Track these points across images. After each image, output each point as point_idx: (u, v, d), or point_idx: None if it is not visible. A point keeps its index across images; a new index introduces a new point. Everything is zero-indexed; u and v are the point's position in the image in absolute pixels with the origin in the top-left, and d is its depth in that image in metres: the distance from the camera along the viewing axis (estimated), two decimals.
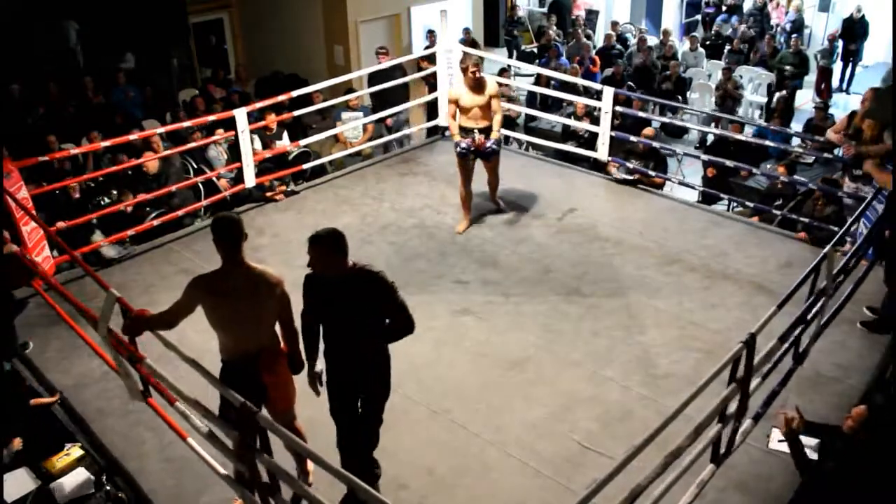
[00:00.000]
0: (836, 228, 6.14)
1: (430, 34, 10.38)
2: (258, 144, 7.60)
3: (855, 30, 12.58)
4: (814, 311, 4.46)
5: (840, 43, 12.55)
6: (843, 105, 12.07)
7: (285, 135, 8.16)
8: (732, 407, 3.80)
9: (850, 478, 3.64)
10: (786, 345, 4.28)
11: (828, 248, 4.43)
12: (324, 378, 3.82)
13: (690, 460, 3.63)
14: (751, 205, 7.11)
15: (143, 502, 4.06)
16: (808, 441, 4.14)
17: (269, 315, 3.55)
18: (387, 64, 8.88)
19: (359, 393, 3.81)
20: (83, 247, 6.07)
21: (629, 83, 10.49)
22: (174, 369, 4.06)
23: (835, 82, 12.68)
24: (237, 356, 3.55)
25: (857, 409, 3.87)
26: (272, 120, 7.86)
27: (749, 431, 4.18)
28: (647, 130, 7.68)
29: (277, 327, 3.64)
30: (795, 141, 9.54)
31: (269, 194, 7.29)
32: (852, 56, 12.80)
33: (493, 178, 6.84)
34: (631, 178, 7.44)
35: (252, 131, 7.32)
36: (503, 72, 10.13)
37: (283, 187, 7.41)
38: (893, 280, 5.18)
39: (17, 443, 4.20)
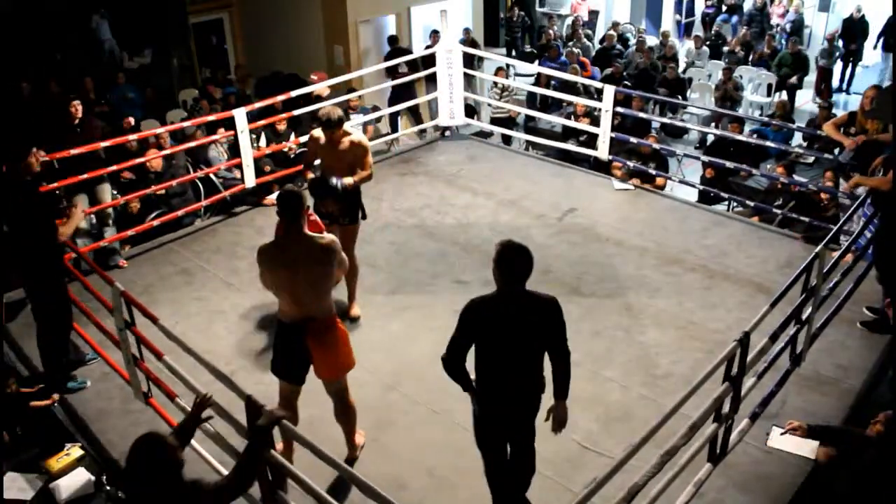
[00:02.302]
0: (821, 224, 6.19)
1: (434, 34, 10.37)
2: (263, 142, 7.54)
3: (855, 30, 12.58)
4: (807, 310, 4.47)
5: (840, 43, 12.55)
6: (843, 105, 12.07)
7: (293, 136, 8.05)
8: (727, 406, 3.81)
9: (883, 482, 3.60)
10: (780, 344, 4.29)
11: (819, 247, 4.44)
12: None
13: (687, 459, 3.65)
14: (751, 204, 7.11)
15: None
16: (810, 444, 4.15)
17: (325, 281, 3.79)
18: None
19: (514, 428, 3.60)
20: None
21: (625, 82, 10.47)
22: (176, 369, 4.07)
23: (835, 82, 12.68)
24: (291, 319, 3.82)
25: (886, 413, 3.84)
26: (280, 118, 7.61)
27: (747, 431, 4.19)
28: (650, 139, 7.71)
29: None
30: (796, 140, 9.54)
31: (264, 200, 7.17)
32: (852, 56, 12.80)
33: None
34: (630, 187, 7.45)
35: (259, 129, 7.27)
36: (499, 71, 10.12)
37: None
38: (886, 279, 5.19)
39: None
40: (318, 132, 5.17)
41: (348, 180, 4.99)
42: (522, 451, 3.62)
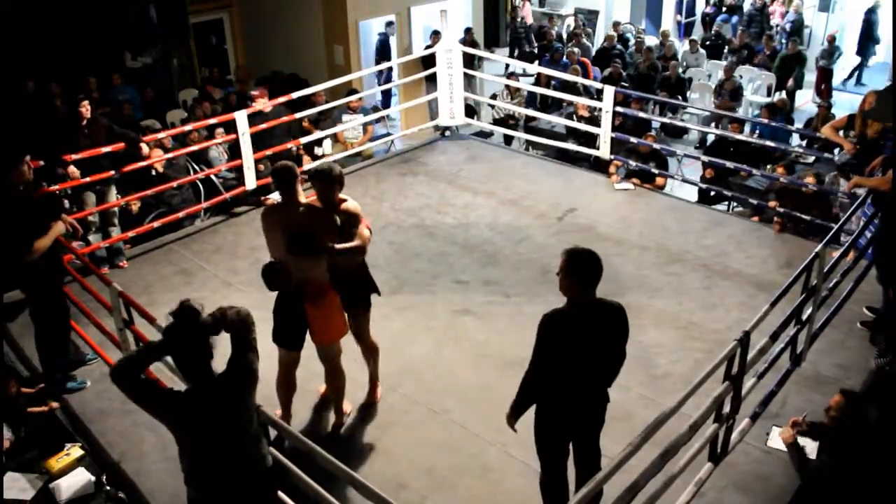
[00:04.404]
0: (823, 223, 6.17)
1: (434, 35, 10.37)
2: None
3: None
4: (808, 310, 4.47)
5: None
6: (845, 104, 12.06)
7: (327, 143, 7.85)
8: (727, 405, 3.81)
9: (845, 467, 3.63)
10: (780, 344, 4.29)
11: (819, 246, 4.44)
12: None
13: (688, 459, 3.65)
14: (754, 202, 7.09)
15: (142, 502, 4.06)
16: (810, 444, 4.15)
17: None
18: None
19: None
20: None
21: (622, 83, 10.46)
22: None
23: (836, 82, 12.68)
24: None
25: (834, 398, 3.87)
26: (283, 120, 7.27)
27: (747, 431, 4.19)
28: (649, 138, 7.70)
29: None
30: (795, 140, 9.53)
31: (264, 199, 7.11)
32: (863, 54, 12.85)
33: (366, 350, 4.57)
34: (630, 187, 7.45)
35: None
36: (511, 75, 10.12)
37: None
38: (886, 279, 5.19)
39: None
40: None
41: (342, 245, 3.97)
42: (589, 455, 3.61)
